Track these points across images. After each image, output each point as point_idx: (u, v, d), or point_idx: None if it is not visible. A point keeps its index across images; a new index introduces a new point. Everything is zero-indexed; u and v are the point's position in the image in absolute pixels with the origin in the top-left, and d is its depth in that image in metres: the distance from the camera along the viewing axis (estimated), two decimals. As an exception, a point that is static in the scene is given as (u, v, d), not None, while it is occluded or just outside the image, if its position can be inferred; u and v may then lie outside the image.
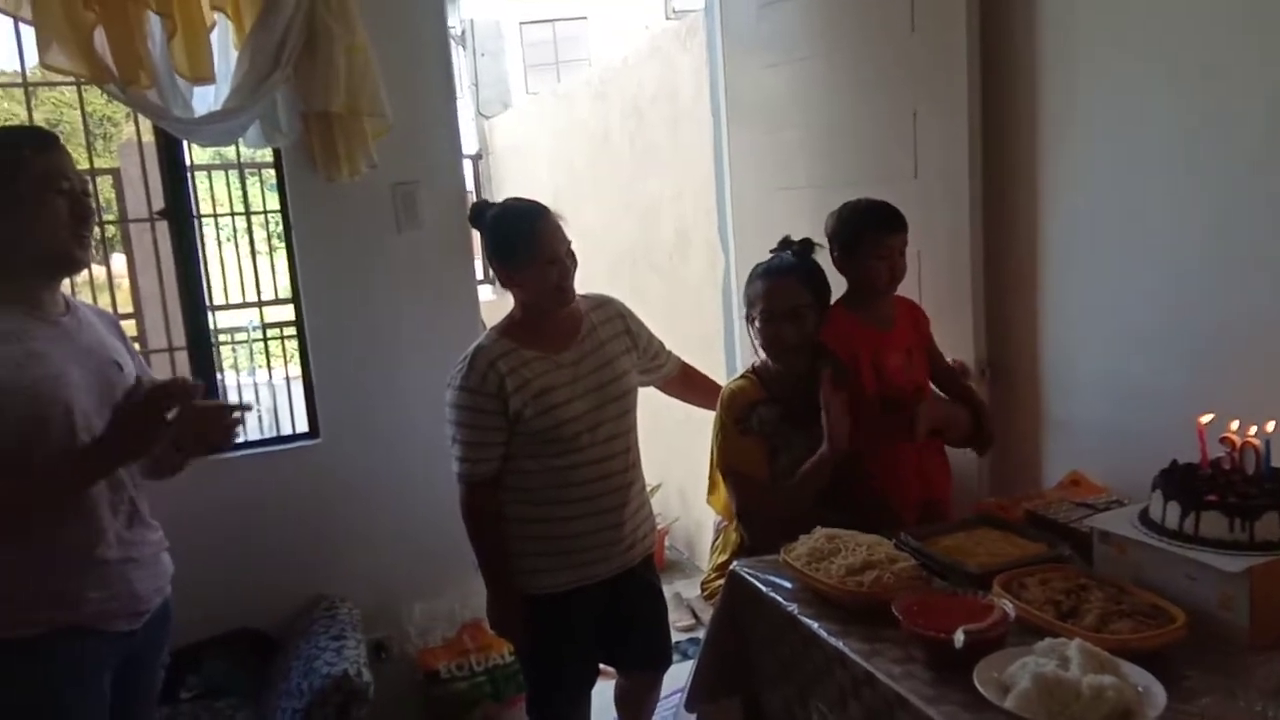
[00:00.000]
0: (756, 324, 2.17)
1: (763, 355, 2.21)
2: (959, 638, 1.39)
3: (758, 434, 2.15)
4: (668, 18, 11.59)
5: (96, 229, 1.70)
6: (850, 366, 2.12)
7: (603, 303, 2.25)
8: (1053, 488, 2.17)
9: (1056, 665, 1.31)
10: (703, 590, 2.40)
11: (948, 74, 2.28)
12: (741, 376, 2.27)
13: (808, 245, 2.22)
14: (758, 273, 2.21)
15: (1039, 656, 1.35)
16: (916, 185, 2.39)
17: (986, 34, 2.26)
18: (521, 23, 11.70)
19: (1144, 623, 1.45)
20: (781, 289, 2.14)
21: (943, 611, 1.50)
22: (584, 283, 2.18)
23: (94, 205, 1.66)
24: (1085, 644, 1.35)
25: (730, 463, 2.18)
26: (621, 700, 2.47)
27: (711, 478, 2.27)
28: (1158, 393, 2.06)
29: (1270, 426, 1.60)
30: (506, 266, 2.09)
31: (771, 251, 2.27)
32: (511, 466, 2.10)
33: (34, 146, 1.60)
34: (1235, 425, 1.63)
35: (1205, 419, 1.66)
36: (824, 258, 2.23)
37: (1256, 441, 1.59)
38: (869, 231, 2.15)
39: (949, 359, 2.35)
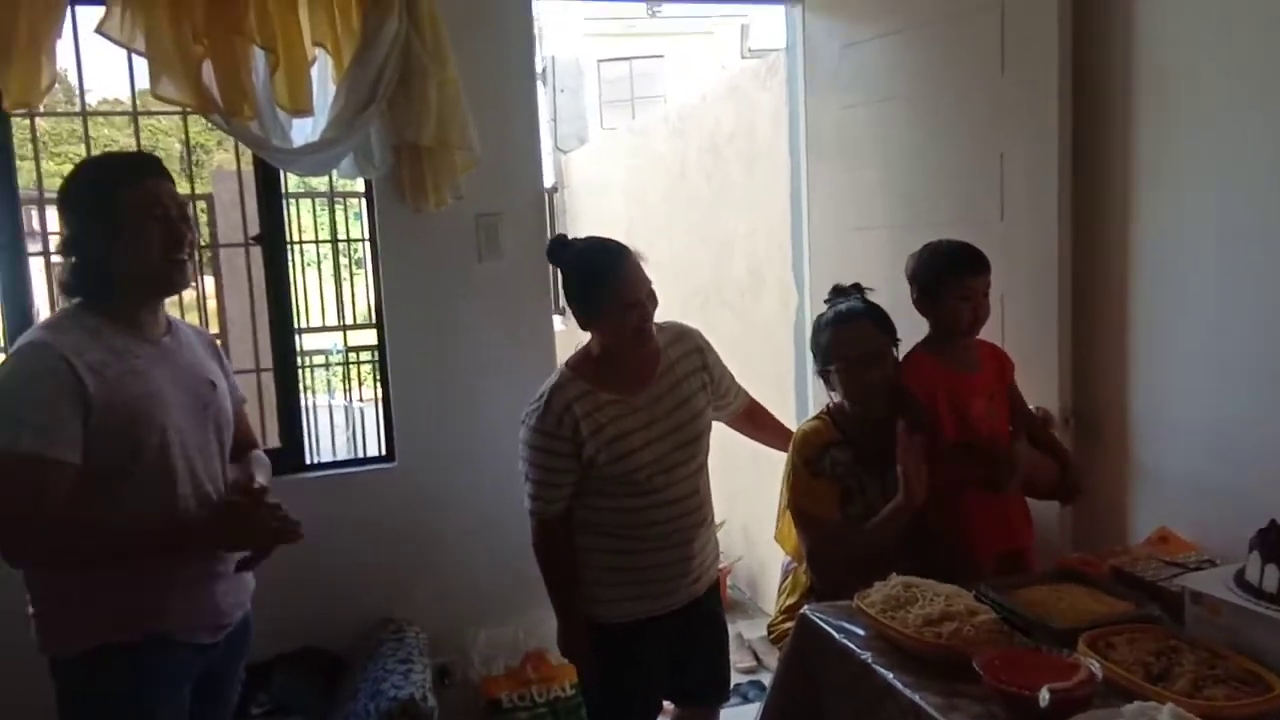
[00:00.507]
0: (835, 372, 2.13)
1: (841, 402, 2.17)
2: (1044, 696, 1.34)
3: (830, 477, 2.12)
4: (743, 56, 11.70)
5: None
6: (930, 411, 2.09)
7: (681, 335, 2.22)
8: (1140, 544, 2.10)
9: (1147, 730, 1.26)
10: (769, 633, 2.36)
11: (1038, 115, 2.25)
12: (815, 418, 2.25)
13: (859, 290, 2.22)
14: (827, 321, 2.18)
15: (1128, 720, 1.30)
16: (1002, 227, 2.36)
17: (1079, 74, 2.24)
18: (599, 60, 11.93)
19: (1239, 689, 1.39)
20: (859, 334, 2.11)
21: (1026, 668, 1.46)
22: (657, 317, 2.15)
23: (191, 230, 1.73)
24: (1178, 709, 1.29)
25: (801, 505, 2.15)
26: None
27: (781, 517, 2.25)
28: (1254, 447, 1.98)
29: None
30: (585, 308, 2.06)
31: (826, 302, 2.25)
32: (583, 502, 2.10)
33: (133, 174, 1.68)
34: (1341, 486, 1.56)
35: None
36: (886, 299, 2.20)
37: (1364, 505, 1.51)
38: (951, 272, 2.12)
39: (1032, 406, 2.30)
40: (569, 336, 2.23)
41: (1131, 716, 1.30)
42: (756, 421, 2.45)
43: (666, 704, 2.64)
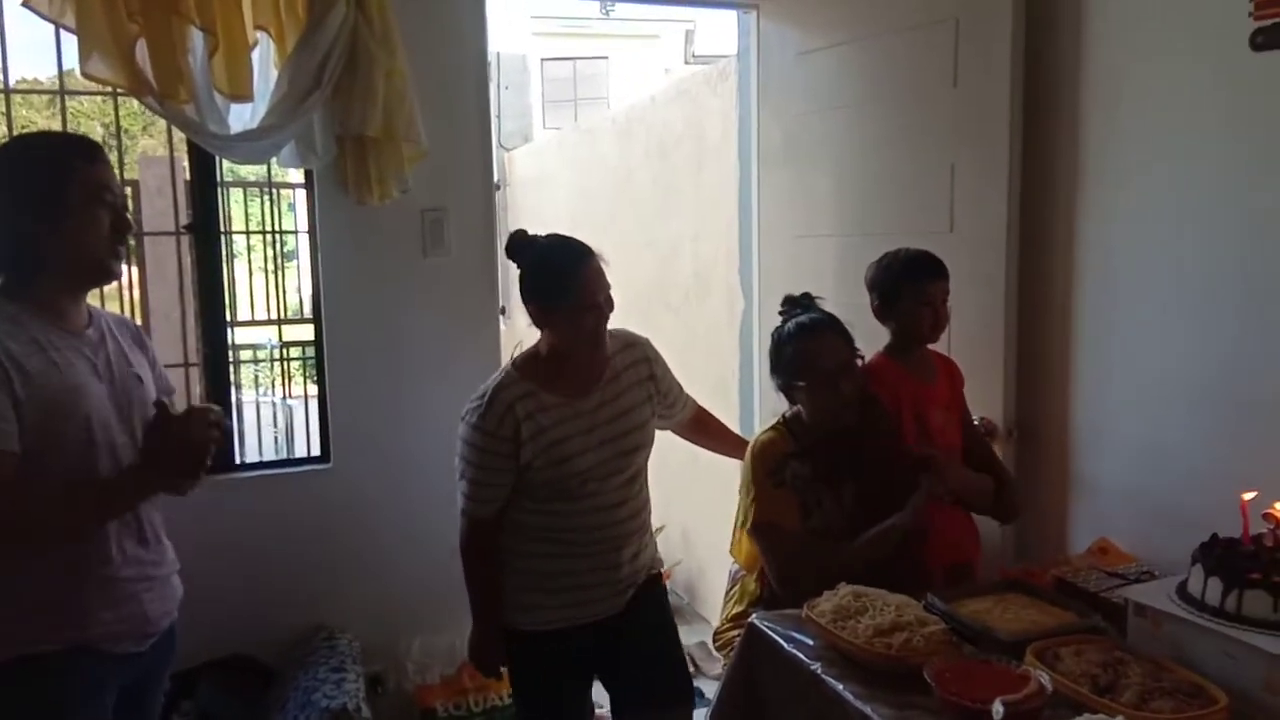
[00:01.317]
0: (805, 387, 2.09)
1: (797, 413, 2.15)
2: (997, 710, 1.34)
3: (790, 488, 2.10)
4: (687, 62, 11.74)
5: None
6: (895, 419, 2.09)
7: (631, 344, 2.17)
8: (1080, 554, 2.13)
9: (1099, 744, 1.27)
10: (715, 640, 2.33)
11: (989, 129, 2.28)
12: (771, 429, 2.20)
13: (810, 299, 2.21)
14: (790, 334, 2.13)
15: (1079, 733, 1.30)
16: (952, 239, 2.38)
17: (1029, 89, 2.27)
18: (544, 59, 11.84)
19: (1186, 702, 1.40)
20: (827, 347, 2.08)
21: (976, 679, 1.46)
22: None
23: (131, 218, 1.64)
24: (1128, 722, 1.30)
25: (767, 517, 2.09)
26: None
27: (737, 530, 2.21)
28: (1193, 461, 2.03)
29: (1317, 505, 1.57)
30: (542, 306, 2.01)
31: (781, 313, 2.22)
32: (512, 503, 2.05)
33: (84, 157, 1.59)
34: (1280, 504, 1.59)
35: (1249, 496, 1.62)
36: (833, 307, 2.20)
37: (1302, 520, 1.55)
38: (911, 278, 2.14)
39: (976, 418, 2.32)
40: (508, 337, 2.18)
41: (1083, 729, 1.31)
42: (704, 429, 2.42)
43: (604, 713, 2.60)
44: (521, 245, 2.06)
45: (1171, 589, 1.63)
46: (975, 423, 2.34)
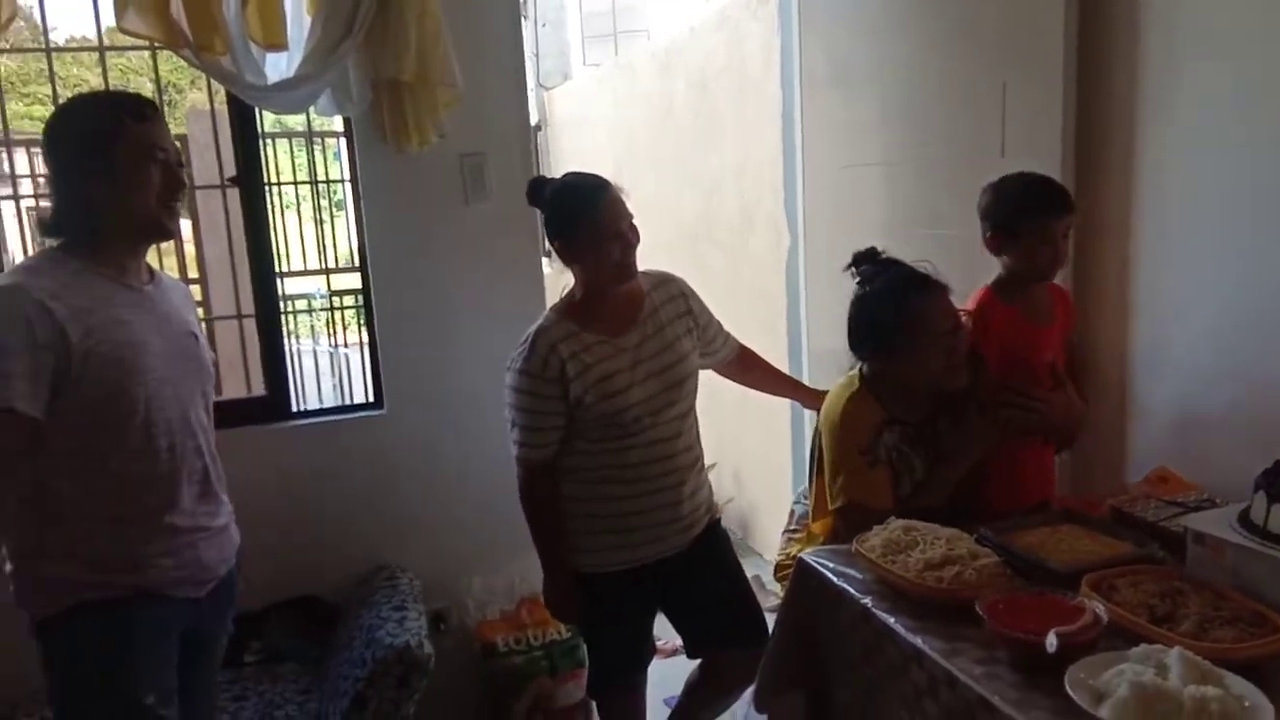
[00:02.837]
0: (913, 350, 1.92)
1: (889, 374, 2.00)
2: (1051, 641, 1.33)
3: (885, 463, 1.97)
4: (730, -12, 11.37)
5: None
6: (996, 369, 1.96)
7: (664, 280, 2.18)
8: (1138, 483, 2.08)
9: (1155, 674, 1.25)
10: (776, 572, 2.31)
11: (1043, 44, 2.17)
12: (853, 393, 2.01)
13: (877, 253, 2.05)
14: (893, 293, 1.95)
15: (1135, 664, 1.28)
16: (1004, 164, 2.28)
17: (1085, 2, 2.15)
18: (581, -8, 11.57)
19: (1246, 631, 1.37)
20: (945, 305, 1.93)
21: (1030, 612, 1.44)
22: (645, 258, 2.12)
23: (185, 175, 1.66)
24: (1186, 652, 1.28)
25: (858, 498, 1.94)
26: (707, 680, 2.32)
27: (821, 503, 2.07)
28: (1257, 385, 1.95)
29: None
30: (567, 242, 2.04)
31: (857, 270, 2.05)
32: (569, 448, 2.07)
33: (135, 116, 1.61)
34: (1348, 426, 1.53)
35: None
36: (879, 241, 2.10)
37: (1373, 444, 1.49)
38: (1036, 212, 1.95)
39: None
40: (555, 280, 2.18)
41: (1139, 660, 1.29)
42: (747, 367, 2.41)
43: (667, 647, 2.66)
44: (539, 187, 2.10)
45: (1233, 516, 1.59)
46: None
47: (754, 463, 4.27)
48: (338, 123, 2.77)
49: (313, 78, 2.40)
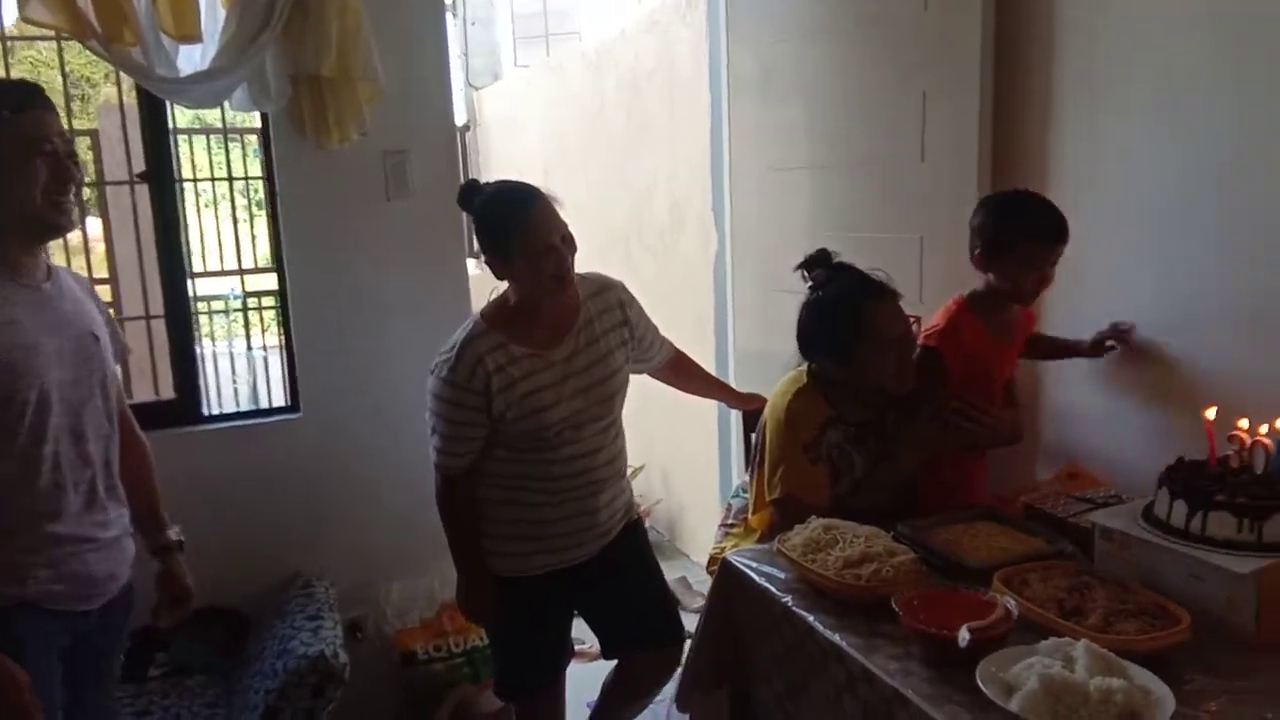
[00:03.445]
0: (869, 352, 1.93)
1: (835, 375, 2.02)
2: (964, 636, 1.35)
3: (826, 460, 1.99)
4: (661, -6, 11.42)
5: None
6: (956, 383, 1.98)
7: (602, 288, 2.12)
8: (1050, 479, 2.14)
9: (1063, 666, 1.28)
10: (709, 566, 2.29)
11: (961, 54, 2.23)
12: (803, 387, 2.02)
13: (828, 254, 2.05)
14: (848, 297, 1.96)
15: (1044, 657, 1.31)
16: (923, 169, 2.34)
17: (1002, 13, 2.21)
18: (513, -7, 11.50)
19: (1150, 623, 1.42)
20: (897, 310, 1.95)
21: (943, 607, 1.47)
22: (578, 262, 2.06)
23: (77, 168, 1.58)
24: (1092, 645, 1.31)
25: (795, 491, 1.97)
26: (623, 680, 2.30)
27: (761, 497, 2.08)
28: (1160, 384, 2.03)
29: (1281, 425, 1.57)
30: (499, 257, 1.95)
31: (807, 273, 2.05)
32: (489, 454, 2.03)
33: (14, 106, 1.53)
34: (1244, 423, 1.59)
35: (1210, 413, 1.63)
36: (806, 244, 2.11)
37: (1267, 441, 1.55)
38: (1031, 238, 1.94)
39: None
40: (484, 281, 2.13)
41: (1047, 653, 1.32)
42: (681, 372, 2.39)
43: (587, 650, 2.63)
44: (470, 194, 2.01)
45: (1138, 512, 1.64)
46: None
47: (682, 464, 4.28)
48: (257, 119, 2.69)
49: (227, 71, 2.33)
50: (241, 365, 4.86)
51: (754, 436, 2.22)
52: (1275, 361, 1.81)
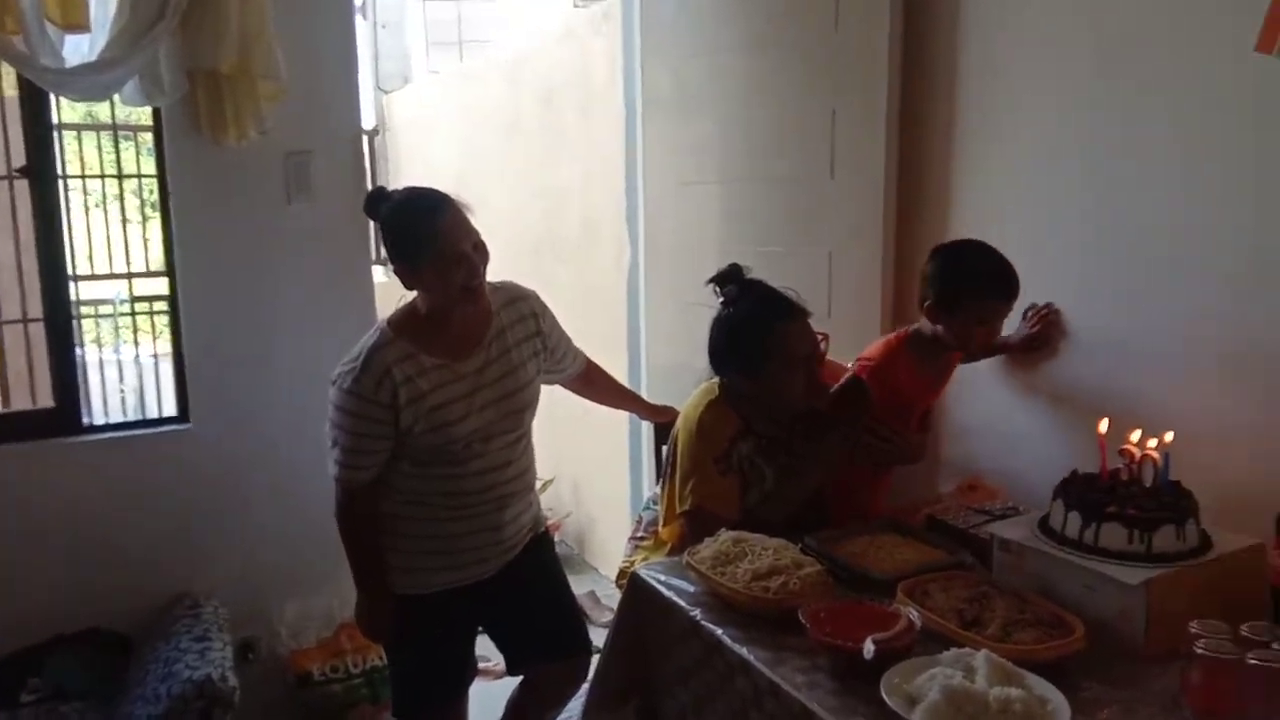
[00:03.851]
0: (779, 370, 1.93)
1: (749, 390, 2.01)
2: (868, 648, 1.35)
3: (737, 471, 1.99)
4: (575, 5, 11.44)
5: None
6: (878, 413, 1.99)
7: (515, 299, 2.08)
8: (951, 491, 2.19)
9: (964, 676, 1.29)
10: (619, 580, 2.26)
11: (869, 74, 2.27)
12: (715, 399, 2.02)
13: (739, 270, 2.03)
14: (758, 315, 1.95)
15: (946, 667, 1.33)
16: (832, 185, 2.37)
17: (909, 36, 2.26)
18: None
19: (1046, 633, 1.45)
20: (806, 329, 1.95)
21: (850, 619, 1.47)
22: (491, 271, 2.00)
23: None
24: (991, 655, 1.33)
25: (705, 504, 1.95)
26: (528, 694, 2.25)
27: (672, 509, 2.06)
28: (1056, 398, 2.09)
29: (1169, 438, 1.63)
30: (408, 265, 1.89)
31: (720, 289, 2.02)
32: (393, 468, 1.96)
33: None
34: (1135, 436, 1.65)
35: (1103, 426, 1.68)
36: (715, 259, 2.11)
37: (1155, 454, 1.61)
38: (981, 295, 1.95)
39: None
40: (392, 289, 2.06)
41: (949, 664, 1.34)
42: (593, 383, 2.36)
43: (492, 669, 2.57)
44: (377, 202, 1.95)
45: (1034, 524, 1.68)
46: None
47: (592, 477, 4.25)
48: (146, 116, 2.57)
49: (118, 63, 2.22)
50: (130, 373, 4.61)
51: (664, 449, 2.20)
52: (1164, 376, 1.88)
